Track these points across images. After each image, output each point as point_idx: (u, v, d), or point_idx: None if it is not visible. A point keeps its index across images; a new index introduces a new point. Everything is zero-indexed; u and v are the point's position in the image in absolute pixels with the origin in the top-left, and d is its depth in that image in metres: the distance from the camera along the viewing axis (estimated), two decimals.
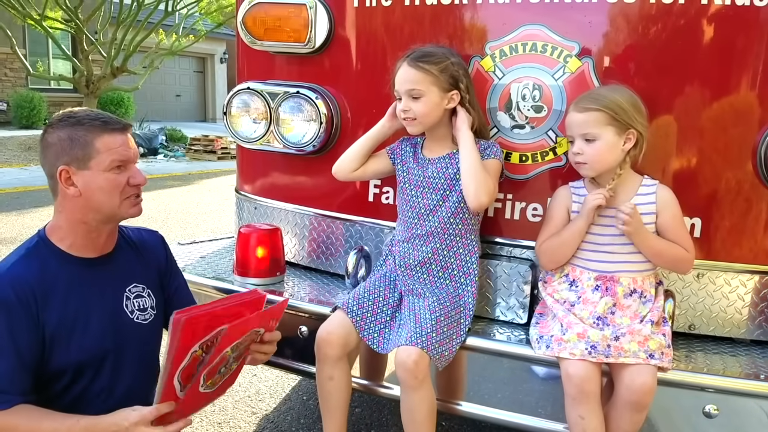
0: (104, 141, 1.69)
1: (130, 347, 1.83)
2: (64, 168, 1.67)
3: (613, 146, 1.84)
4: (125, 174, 1.73)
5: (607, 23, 1.94)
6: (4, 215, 7.16)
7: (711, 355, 1.92)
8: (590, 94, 1.89)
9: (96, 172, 1.68)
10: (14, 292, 1.61)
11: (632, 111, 1.83)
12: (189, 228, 6.96)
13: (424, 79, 1.96)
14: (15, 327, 1.60)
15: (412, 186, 2.10)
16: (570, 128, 1.89)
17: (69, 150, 1.67)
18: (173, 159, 14.33)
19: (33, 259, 1.69)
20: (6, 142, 13.64)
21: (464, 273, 2.06)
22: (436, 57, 1.98)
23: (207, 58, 24.95)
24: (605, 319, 1.85)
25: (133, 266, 1.89)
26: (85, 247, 1.77)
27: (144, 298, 1.89)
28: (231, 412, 3.07)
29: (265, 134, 2.41)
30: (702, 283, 1.99)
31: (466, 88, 2.00)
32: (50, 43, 16.05)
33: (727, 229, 1.96)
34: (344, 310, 2.01)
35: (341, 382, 2.02)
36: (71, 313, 1.70)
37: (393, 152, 2.18)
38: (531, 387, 1.94)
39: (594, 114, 1.82)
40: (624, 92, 1.86)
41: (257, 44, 2.37)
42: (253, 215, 2.64)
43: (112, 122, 1.72)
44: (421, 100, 1.98)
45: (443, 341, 1.89)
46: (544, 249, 1.99)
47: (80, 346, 1.71)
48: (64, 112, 1.74)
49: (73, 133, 1.67)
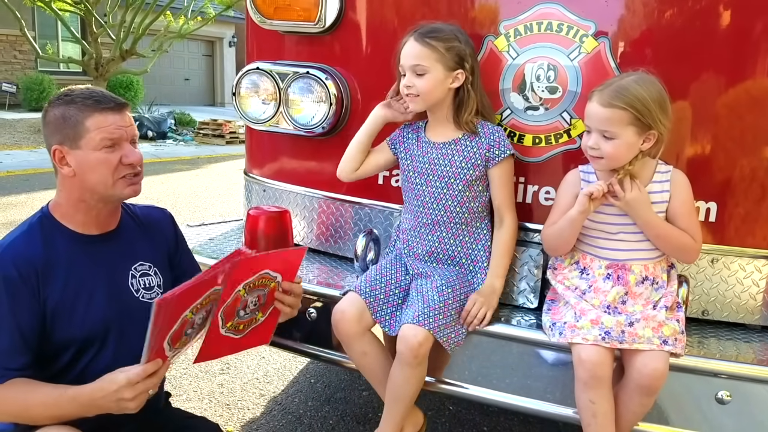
0: (95, 120, 1.67)
1: (134, 325, 1.76)
2: (57, 147, 1.68)
3: (631, 146, 1.77)
4: (117, 153, 1.70)
5: (625, 3, 1.89)
6: (14, 197, 7.19)
7: (724, 341, 1.90)
8: (616, 85, 1.76)
9: (86, 152, 1.67)
10: (16, 268, 1.61)
11: (657, 112, 1.74)
12: (198, 211, 6.96)
13: (430, 55, 1.92)
14: (16, 302, 1.60)
15: (416, 174, 2.07)
16: (589, 119, 1.81)
17: (62, 129, 1.67)
18: (182, 143, 14.33)
19: (35, 235, 1.69)
20: (15, 124, 13.68)
21: (472, 261, 2.04)
22: (443, 34, 1.94)
23: (216, 41, 24.87)
24: (616, 309, 1.82)
25: (139, 244, 1.88)
26: (86, 224, 1.76)
27: (150, 277, 1.88)
28: (239, 394, 3.08)
29: (275, 115, 2.38)
30: (716, 268, 1.96)
31: (470, 69, 1.95)
32: (59, 25, 16.03)
33: (742, 214, 1.93)
34: (357, 292, 2.00)
35: (375, 353, 2.02)
36: (73, 288, 1.70)
37: (394, 141, 2.14)
38: (540, 371, 1.92)
39: (617, 112, 1.73)
40: (652, 87, 1.75)
41: (267, 23, 2.34)
42: (262, 197, 2.63)
43: (105, 101, 1.70)
44: (425, 76, 1.94)
45: (449, 324, 1.88)
46: (544, 236, 1.97)
47: (82, 321, 1.70)
48: (64, 89, 1.73)
49: (66, 111, 1.67)
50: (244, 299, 1.73)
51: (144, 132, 13.94)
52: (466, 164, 1.99)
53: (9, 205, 6.77)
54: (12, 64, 17.25)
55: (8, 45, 17.01)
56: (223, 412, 2.92)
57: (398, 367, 1.91)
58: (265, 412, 2.95)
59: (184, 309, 1.54)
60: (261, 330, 1.89)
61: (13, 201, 6.99)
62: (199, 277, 1.59)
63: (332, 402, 3.06)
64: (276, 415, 2.92)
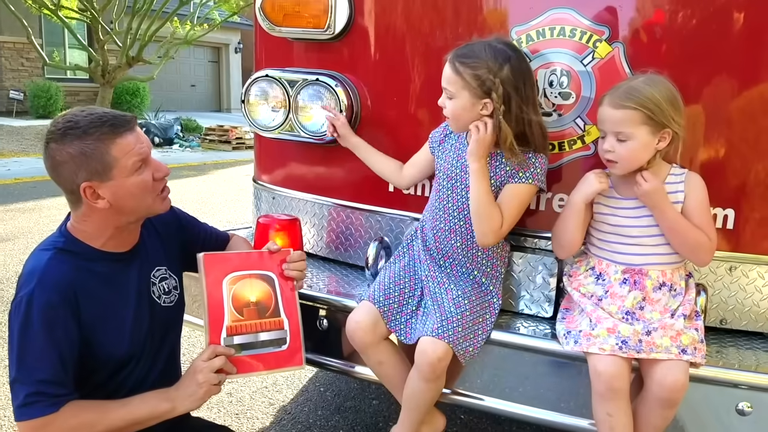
0: (118, 147, 1.60)
1: (161, 332, 1.85)
2: (87, 185, 1.60)
3: (646, 146, 1.75)
4: (149, 171, 1.68)
5: (638, 7, 1.87)
6: (23, 204, 7.21)
7: (743, 351, 1.86)
8: (626, 87, 1.76)
9: (121, 180, 1.62)
10: (58, 292, 1.58)
11: (670, 110, 1.72)
12: (205, 218, 6.91)
13: (456, 81, 1.86)
14: (60, 327, 1.58)
15: (445, 176, 2.02)
16: (602, 123, 1.80)
17: (85, 165, 1.58)
18: (188, 149, 14.37)
19: (65, 258, 1.64)
20: (23, 131, 13.75)
21: (485, 275, 2.00)
22: (472, 60, 1.83)
23: (221, 47, 24.95)
24: (634, 314, 1.79)
25: (157, 249, 1.88)
26: (115, 246, 1.74)
27: (167, 280, 1.89)
28: (248, 403, 3.06)
29: (284, 123, 2.36)
30: (734, 276, 1.92)
31: (500, 98, 1.81)
32: (66, 33, 16.14)
33: (760, 221, 1.90)
34: (371, 301, 1.98)
35: (392, 361, 1.99)
36: (108, 308, 1.69)
37: (434, 137, 2.11)
38: (554, 381, 1.89)
39: (629, 113, 1.72)
40: (662, 87, 1.74)
41: (276, 31, 2.32)
42: (272, 205, 2.61)
43: (118, 123, 1.62)
44: (453, 100, 1.89)
45: (467, 336, 1.85)
46: (552, 233, 1.96)
47: (119, 340, 1.71)
48: (62, 120, 1.61)
49: (83, 146, 1.57)
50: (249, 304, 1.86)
51: (151, 138, 13.99)
52: (494, 180, 1.93)
53: (17, 212, 6.79)
54: (19, 72, 17.35)
55: (15, 52, 17.11)
56: (232, 421, 2.89)
57: (416, 379, 1.89)
58: (275, 422, 2.92)
59: (229, 271, 1.82)
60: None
61: (21, 208, 7.00)
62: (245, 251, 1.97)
63: (342, 411, 3.04)
64: (285, 425, 2.90)
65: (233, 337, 1.81)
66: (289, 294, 1.92)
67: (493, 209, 1.88)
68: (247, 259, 1.91)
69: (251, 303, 1.85)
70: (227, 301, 1.81)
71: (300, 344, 1.91)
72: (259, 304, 1.86)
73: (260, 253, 1.93)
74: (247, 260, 1.90)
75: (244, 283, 1.85)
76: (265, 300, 1.88)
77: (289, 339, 1.89)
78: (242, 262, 1.88)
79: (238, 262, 1.88)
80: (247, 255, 1.94)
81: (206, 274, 1.81)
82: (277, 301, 1.89)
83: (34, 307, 1.55)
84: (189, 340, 3.39)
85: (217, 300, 1.80)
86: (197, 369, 1.72)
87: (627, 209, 1.85)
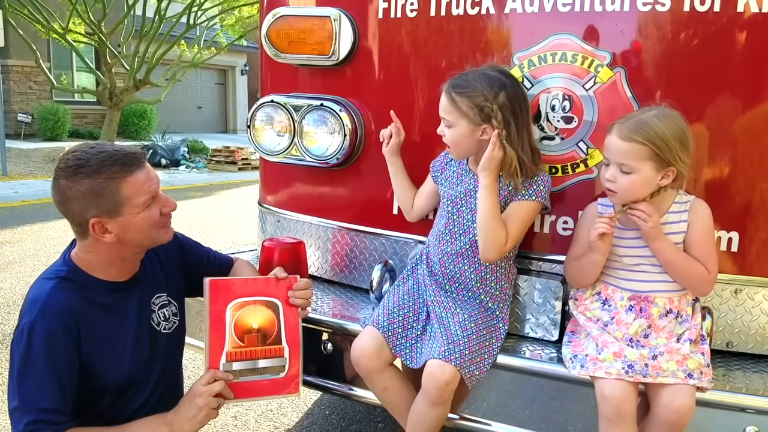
0: (129, 185, 1.63)
1: (161, 358, 1.86)
2: (96, 221, 1.63)
3: (649, 181, 1.75)
4: (157, 206, 1.71)
5: (640, 32, 1.88)
6: (29, 226, 7.24)
7: (750, 374, 1.85)
8: (637, 119, 1.74)
9: (130, 216, 1.65)
10: (59, 321, 1.60)
11: (677, 148, 1.71)
12: (211, 239, 6.97)
13: (453, 111, 1.90)
14: (58, 356, 1.59)
15: (449, 201, 2.04)
16: (607, 151, 1.79)
17: (96, 203, 1.61)
18: (195, 170, 14.45)
19: (69, 287, 1.67)
20: (31, 154, 13.86)
21: (492, 299, 2.01)
22: (468, 90, 1.88)
23: (228, 70, 25.19)
24: (638, 342, 1.79)
25: (158, 275, 1.90)
26: (116, 275, 1.77)
27: (168, 306, 1.90)
28: (253, 427, 3.04)
29: (289, 147, 2.39)
30: (740, 299, 1.92)
31: (501, 124, 1.85)
32: (74, 56, 16.30)
33: (764, 242, 1.90)
34: (375, 326, 1.98)
35: (397, 387, 1.99)
36: (106, 338, 1.70)
37: (434, 166, 2.13)
38: (560, 405, 1.87)
39: (636, 146, 1.71)
40: (673, 123, 1.72)
41: (281, 57, 2.36)
42: (276, 228, 2.62)
43: (129, 161, 1.64)
44: (452, 129, 1.93)
45: (474, 359, 1.85)
46: (568, 271, 1.96)
47: (118, 368, 1.72)
48: (72, 156, 1.62)
49: (94, 185, 1.60)
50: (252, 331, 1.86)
51: (158, 160, 14.09)
52: (499, 202, 1.94)
53: (24, 234, 6.82)
54: (28, 95, 17.54)
55: (24, 76, 17.32)
56: None
57: (422, 403, 1.88)
58: None
59: (234, 297, 1.83)
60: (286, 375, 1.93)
61: (27, 230, 7.04)
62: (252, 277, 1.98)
63: None
64: None
65: (232, 363, 1.82)
66: (293, 321, 1.92)
67: (500, 225, 1.90)
68: (254, 284, 1.92)
69: (253, 330, 1.86)
70: (229, 327, 1.82)
71: (298, 371, 1.92)
72: (262, 331, 1.87)
73: (267, 279, 1.94)
74: (253, 286, 1.91)
75: (248, 309, 1.86)
76: (268, 327, 1.88)
77: (288, 366, 1.89)
78: (248, 287, 1.89)
79: (244, 287, 1.89)
80: (253, 281, 1.95)
81: (211, 299, 1.82)
82: (279, 328, 1.90)
83: (35, 336, 1.57)
84: (194, 363, 3.38)
85: (219, 326, 1.81)
86: (197, 393, 1.72)
87: (629, 239, 1.85)
